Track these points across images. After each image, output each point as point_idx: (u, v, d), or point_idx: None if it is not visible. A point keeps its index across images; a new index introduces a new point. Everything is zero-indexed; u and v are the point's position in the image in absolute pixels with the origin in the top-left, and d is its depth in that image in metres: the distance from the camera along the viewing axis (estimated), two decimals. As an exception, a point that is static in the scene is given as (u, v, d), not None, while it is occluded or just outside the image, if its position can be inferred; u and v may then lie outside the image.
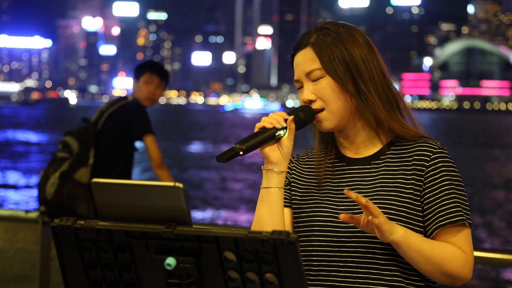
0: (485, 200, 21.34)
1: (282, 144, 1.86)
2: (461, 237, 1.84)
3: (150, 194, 1.32)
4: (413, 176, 1.88)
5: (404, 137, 1.92)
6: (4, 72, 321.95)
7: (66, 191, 4.68)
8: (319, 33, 1.93)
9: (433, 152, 1.89)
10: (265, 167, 1.88)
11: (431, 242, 1.80)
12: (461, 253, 1.82)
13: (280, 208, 1.89)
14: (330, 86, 1.89)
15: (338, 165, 1.98)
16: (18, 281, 5.14)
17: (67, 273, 1.40)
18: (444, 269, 1.79)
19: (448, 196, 1.85)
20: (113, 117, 5.08)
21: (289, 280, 1.28)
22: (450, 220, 1.83)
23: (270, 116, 1.85)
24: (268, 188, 1.88)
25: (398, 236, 1.75)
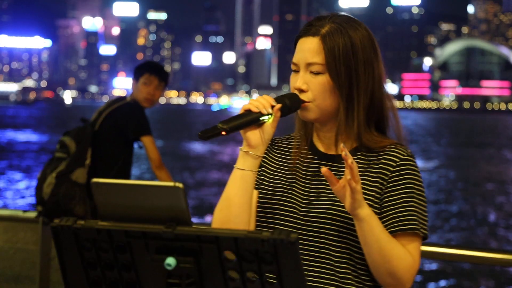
0: (486, 200, 21.35)
1: (264, 129, 1.85)
2: (411, 243, 1.85)
3: (150, 194, 1.32)
4: (378, 180, 1.90)
5: (373, 148, 1.93)
6: (4, 72, 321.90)
7: (63, 191, 4.68)
8: (333, 28, 1.91)
9: (400, 159, 1.90)
10: (243, 149, 1.87)
11: (388, 235, 1.81)
12: (410, 258, 1.82)
13: (251, 191, 1.89)
14: (326, 84, 1.89)
15: (310, 157, 1.99)
16: (18, 281, 5.14)
17: (67, 273, 1.40)
18: (391, 266, 1.80)
19: (406, 203, 1.86)
20: (111, 118, 5.08)
21: (289, 280, 1.27)
22: (402, 228, 1.84)
23: (258, 100, 1.84)
24: (242, 170, 1.87)
25: (365, 212, 1.76)
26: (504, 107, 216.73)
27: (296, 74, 1.94)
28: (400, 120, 1.99)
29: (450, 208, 19.58)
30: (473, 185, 25.31)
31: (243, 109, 1.83)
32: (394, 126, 1.98)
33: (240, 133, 1.85)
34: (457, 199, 21.48)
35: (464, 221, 17.46)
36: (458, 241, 15.04)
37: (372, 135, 1.93)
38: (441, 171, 29.83)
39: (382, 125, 1.97)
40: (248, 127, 1.83)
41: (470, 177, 27.70)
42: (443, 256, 3.89)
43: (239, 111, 1.84)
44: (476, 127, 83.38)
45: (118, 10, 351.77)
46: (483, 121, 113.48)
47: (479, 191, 23.64)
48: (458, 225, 17.00)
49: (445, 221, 17.33)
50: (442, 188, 24.07)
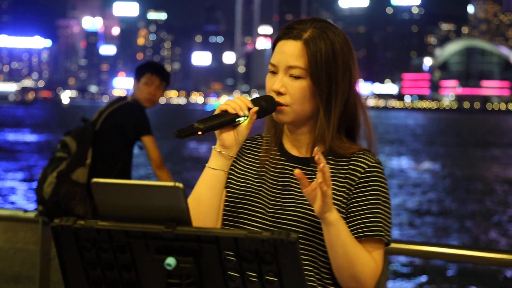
0: (486, 200, 21.34)
1: (239, 130, 1.84)
2: (375, 249, 1.86)
3: (150, 194, 1.32)
4: (345, 185, 1.90)
5: (343, 155, 1.93)
6: (4, 72, 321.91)
7: (63, 191, 4.68)
8: (315, 33, 1.90)
9: (368, 165, 1.91)
10: (217, 149, 1.86)
11: (355, 241, 1.82)
12: (374, 263, 1.83)
13: (221, 191, 1.88)
14: (306, 89, 1.88)
15: (279, 158, 1.98)
16: (18, 281, 5.14)
17: (67, 273, 1.40)
18: (356, 270, 1.81)
19: (373, 210, 1.87)
20: (111, 118, 5.08)
21: (289, 280, 1.27)
22: (368, 234, 1.85)
23: (234, 101, 1.82)
24: (215, 170, 1.86)
25: (333, 216, 1.76)
26: (504, 107, 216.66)
27: (274, 75, 1.93)
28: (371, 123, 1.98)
29: (455, 208, 19.59)
30: (483, 185, 25.31)
31: (219, 109, 1.82)
32: (365, 130, 1.97)
33: (215, 133, 1.84)
34: (464, 200, 21.49)
35: (471, 222, 17.46)
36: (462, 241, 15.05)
37: (342, 142, 1.93)
38: (445, 171, 29.84)
39: (353, 131, 1.97)
40: (224, 127, 1.82)
41: (477, 177, 27.70)
42: (443, 256, 3.90)
43: (215, 111, 1.82)
44: (482, 127, 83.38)
45: (118, 10, 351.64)
46: (485, 121, 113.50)
47: (487, 191, 23.64)
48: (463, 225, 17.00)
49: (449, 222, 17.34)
50: (448, 189, 24.08)
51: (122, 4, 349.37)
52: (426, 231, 15.87)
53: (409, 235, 15.25)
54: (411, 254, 3.98)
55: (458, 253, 3.76)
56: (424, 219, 17.50)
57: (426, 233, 15.69)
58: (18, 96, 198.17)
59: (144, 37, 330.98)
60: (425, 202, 20.46)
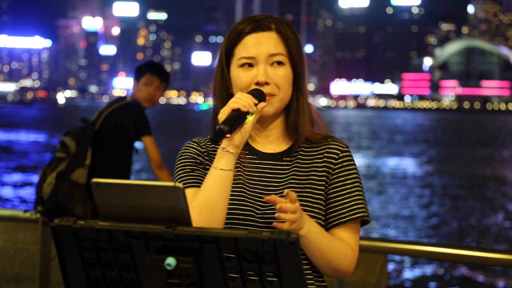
0: (487, 200, 21.34)
1: (245, 128, 1.83)
2: (353, 234, 1.91)
3: (150, 194, 1.32)
4: (324, 173, 1.94)
5: (312, 140, 1.98)
6: (4, 72, 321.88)
7: (63, 191, 4.68)
8: (280, 25, 1.95)
9: (341, 151, 1.96)
10: (228, 149, 1.83)
11: (329, 240, 1.86)
12: (351, 252, 1.88)
13: (230, 192, 1.85)
14: (289, 75, 1.92)
15: (249, 157, 1.97)
16: (18, 281, 5.14)
17: (67, 273, 1.40)
18: (334, 265, 1.86)
19: (353, 193, 1.92)
20: (111, 118, 5.08)
21: (289, 280, 1.28)
22: (352, 217, 1.90)
23: (241, 99, 1.82)
24: (226, 171, 1.82)
25: (304, 230, 1.79)
26: (504, 107, 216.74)
27: (249, 69, 1.92)
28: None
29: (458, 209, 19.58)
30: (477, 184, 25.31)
31: (230, 108, 1.81)
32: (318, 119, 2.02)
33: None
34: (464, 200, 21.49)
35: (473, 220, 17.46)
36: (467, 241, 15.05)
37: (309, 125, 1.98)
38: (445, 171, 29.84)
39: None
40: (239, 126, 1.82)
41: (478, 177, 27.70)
42: (443, 256, 3.88)
43: (227, 109, 1.81)
44: (475, 127, 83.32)
45: (118, 10, 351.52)
46: (486, 121, 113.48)
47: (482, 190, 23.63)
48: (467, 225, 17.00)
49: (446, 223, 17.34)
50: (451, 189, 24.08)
51: (122, 4, 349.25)
52: (426, 231, 15.87)
53: (410, 236, 15.25)
54: (411, 254, 3.97)
55: (458, 253, 3.73)
56: (424, 218, 17.50)
57: (426, 233, 15.69)
58: (17, 96, 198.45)
59: (144, 37, 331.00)
60: (425, 202, 20.45)
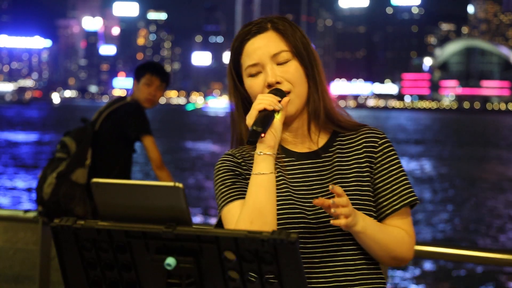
0: (488, 200, 21.34)
1: (276, 126, 1.81)
2: (407, 219, 1.90)
3: (150, 194, 1.32)
4: (366, 163, 1.91)
5: (346, 127, 1.95)
6: (4, 72, 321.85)
7: (63, 192, 4.68)
8: (276, 22, 1.92)
9: (380, 138, 1.93)
10: (263, 152, 1.80)
11: (385, 230, 1.85)
12: (408, 238, 1.88)
13: (275, 195, 1.82)
14: (299, 69, 1.88)
15: (286, 160, 1.94)
16: (18, 281, 5.14)
17: (67, 273, 1.39)
18: (394, 254, 1.86)
19: (399, 179, 1.91)
20: (111, 118, 5.08)
21: (289, 280, 1.27)
22: (405, 203, 1.89)
23: (266, 98, 1.79)
24: (268, 174, 1.80)
25: (359, 227, 1.78)
26: (504, 107, 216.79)
27: (257, 77, 1.90)
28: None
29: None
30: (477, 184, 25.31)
31: (256, 110, 1.78)
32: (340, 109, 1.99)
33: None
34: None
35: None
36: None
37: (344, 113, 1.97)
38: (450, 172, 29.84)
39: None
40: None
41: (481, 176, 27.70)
42: (443, 256, 3.89)
43: (254, 112, 1.78)
44: (475, 127, 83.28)
45: (118, 10, 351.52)
46: (488, 121, 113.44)
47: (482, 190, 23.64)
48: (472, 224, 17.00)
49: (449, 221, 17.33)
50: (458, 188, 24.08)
51: (122, 4, 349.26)
52: (425, 231, 15.87)
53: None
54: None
55: (458, 253, 3.73)
56: (425, 219, 17.49)
57: (426, 233, 15.68)
58: (15, 96, 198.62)
59: (144, 37, 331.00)
60: (424, 202, 20.46)
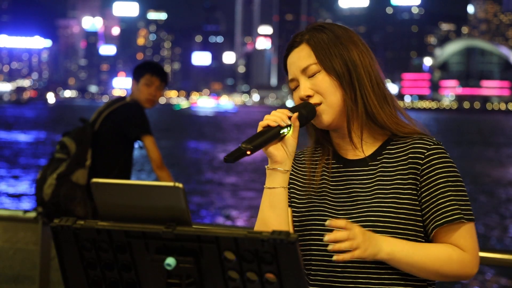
0: (489, 199, 21.35)
1: (287, 142, 1.82)
2: (460, 234, 1.81)
3: (150, 194, 1.32)
4: (410, 176, 1.86)
5: (399, 134, 1.90)
6: (4, 72, 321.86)
7: (63, 192, 4.68)
8: (313, 31, 1.93)
9: (427, 149, 1.86)
10: (270, 167, 1.84)
11: (425, 250, 1.78)
12: (459, 254, 1.79)
13: (285, 209, 1.86)
14: (327, 80, 1.87)
15: (335, 166, 1.96)
16: (18, 281, 5.14)
17: (67, 273, 1.40)
18: (442, 273, 1.78)
19: (444, 194, 1.82)
20: (111, 118, 5.07)
21: (289, 280, 1.27)
22: (447, 220, 1.81)
23: (273, 114, 1.81)
24: (273, 189, 1.84)
25: (383, 255, 1.73)
26: (504, 107, 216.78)
27: (296, 91, 1.93)
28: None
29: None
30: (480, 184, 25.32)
31: (261, 126, 1.80)
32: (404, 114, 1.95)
33: (263, 151, 1.82)
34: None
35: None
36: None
37: (393, 115, 1.90)
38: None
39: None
40: (270, 142, 1.80)
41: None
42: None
43: (258, 128, 1.80)
44: (475, 127, 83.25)
45: (118, 10, 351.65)
46: (489, 121, 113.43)
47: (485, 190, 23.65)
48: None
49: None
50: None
51: (122, 4, 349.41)
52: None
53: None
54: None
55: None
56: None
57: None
58: (13, 96, 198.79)
59: (144, 37, 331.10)
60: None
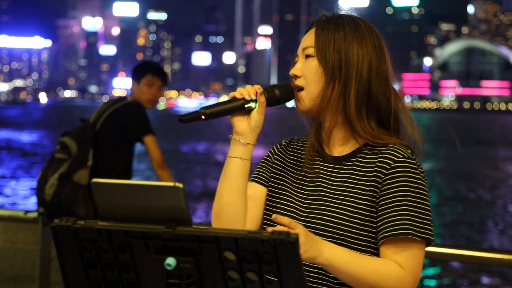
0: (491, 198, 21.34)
1: (251, 116, 1.86)
2: (405, 251, 1.78)
3: (150, 194, 1.32)
4: (372, 183, 1.85)
5: (372, 141, 1.89)
6: (4, 72, 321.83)
7: (65, 193, 4.68)
8: (331, 18, 1.93)
9: (395, 161, 1.84)
10: (232, 136, 1.88)
11: (365, 262, 1.75)
12: (398, 272, 1.76)
13: (240, 179, 1.88)
14: (316, 67, 1.88)
15: (316, 159, 1.97)
16: (18, 281, 5.14)
17: (67, 273, 1.40)
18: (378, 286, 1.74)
19: (399, 208, 1.79)
20: (112, 118, 5.07)
21: (289, 280, 1.27)
22: (393, 233, 1.78)
23: (245, 88, 1.86)
24: (231, 158, 1.88)
25: (322, 260, 1.69)
26: (504, 107, 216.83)
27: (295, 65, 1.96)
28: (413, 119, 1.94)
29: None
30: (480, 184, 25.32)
31: (230, 97, 1.86)
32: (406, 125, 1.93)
33: (230, 120, 1.87)
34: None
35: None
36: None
37: (369, 127, 1.88)
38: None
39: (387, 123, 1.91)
40: (232, 113, 1.84)
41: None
42: (443, 256, 3.86)
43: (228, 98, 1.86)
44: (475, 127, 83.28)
45: (118, 10, 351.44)
46: (489, 121, 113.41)
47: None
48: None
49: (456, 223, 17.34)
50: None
51: (122, 4, 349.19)
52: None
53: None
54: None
55: (458, 253, 3.72)
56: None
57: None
58: (10, 96, 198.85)
59: (144, 37, 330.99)
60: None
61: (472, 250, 3.68)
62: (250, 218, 1.94)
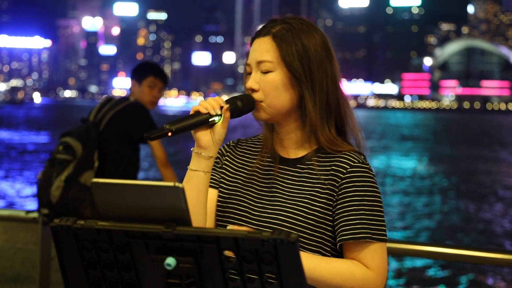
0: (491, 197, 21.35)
1: (215, 130, 1.85)
2: (367, 252, 1.82)
3: (150, 194, 1.32)
4: (328, 187, 1.88)
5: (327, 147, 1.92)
6: (4, 72, 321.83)
7: (72, 195, 4.67)
8: (284, 27, 1.91)
9: (350, 166, 1.88)
10: (195, 150, 1.87)
11: (327, 265, 1.78)
12: (362, 271, 1.80)
13: (204, 191, 1.88)
14: (276, 81, 1.89)
15: (268, 160, 1.99)
16: (18, 281, 5.14)
17: (67, 273, 1.40)
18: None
19: (357, 211, 1.84)
20: (116, 119, 5.07)
21: (289, 280, 1.27)
22: (353, 236, 1.82)
23: (207, 101, 1.84)
24: (195, 171, 1.87)
25: None
26: (504, 107, 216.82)
27: (248, 77, 1.95)
28: (357, 121, 1.98)
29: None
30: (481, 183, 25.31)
31: (192, 110, 1.83)
32: (351, 127, 1.97)
33: (192, 134, 1.85)
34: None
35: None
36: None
37: (330, 134, 1.92)
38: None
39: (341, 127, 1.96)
40: (197, 128, 1.83)
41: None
42: (443, 256, 3.88)
43: (190, 112, 1.84)
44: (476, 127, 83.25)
45: (118, 10, 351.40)
46: (490, 121, 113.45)
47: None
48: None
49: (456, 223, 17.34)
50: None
51: (122, 4, 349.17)
52: (426, 231, 15.87)
53: (410, 236, 15.26)
54: (411, 254, 3.98)
55: (458, 253, 3.73)
56: (425, 218, 17.50)
57: (427, 233, 15.69)
58: (7, 96, 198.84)
59: (144, 37, 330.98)
60: (425, 201, 20.47)
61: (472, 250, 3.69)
62: (209, 224, 1.97)
